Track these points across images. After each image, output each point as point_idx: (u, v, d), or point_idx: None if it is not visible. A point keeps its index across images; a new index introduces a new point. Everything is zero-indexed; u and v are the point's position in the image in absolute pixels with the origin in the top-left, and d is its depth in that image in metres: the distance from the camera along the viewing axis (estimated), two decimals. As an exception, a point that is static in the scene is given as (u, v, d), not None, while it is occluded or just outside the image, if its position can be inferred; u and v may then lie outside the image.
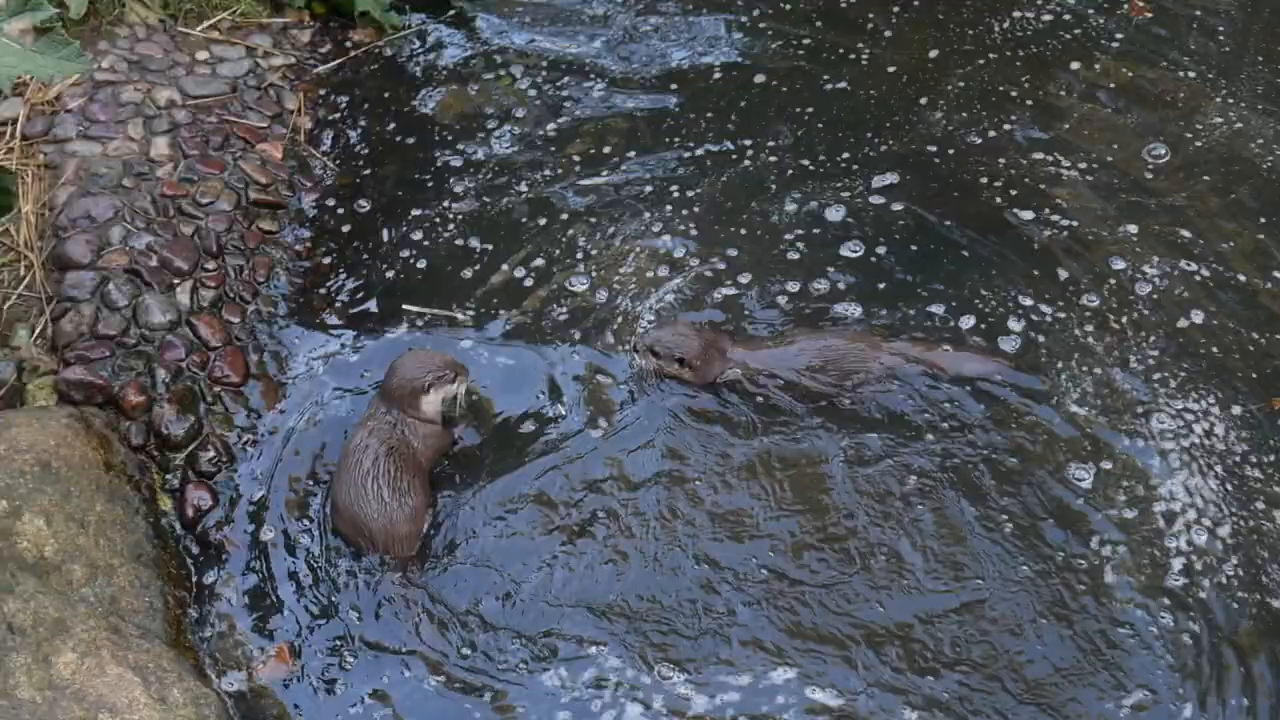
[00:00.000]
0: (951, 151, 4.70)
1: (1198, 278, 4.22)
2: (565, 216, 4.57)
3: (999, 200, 4.50)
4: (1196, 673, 3.33)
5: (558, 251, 4.45)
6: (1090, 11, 5.29)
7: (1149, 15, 5.28)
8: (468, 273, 4.40)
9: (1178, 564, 3.53)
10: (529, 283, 4.35)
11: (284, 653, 3.50)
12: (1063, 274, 4.25)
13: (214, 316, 4.12)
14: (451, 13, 5.45)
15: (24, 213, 4.20)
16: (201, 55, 4.96)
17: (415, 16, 5.46)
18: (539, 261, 4.42)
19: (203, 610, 3.58)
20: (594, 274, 4.36)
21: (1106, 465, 3.74)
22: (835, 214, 4.47)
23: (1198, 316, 4.11)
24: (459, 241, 4.51)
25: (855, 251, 4.34)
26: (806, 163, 4.70)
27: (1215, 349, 4.02)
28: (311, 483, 3.84)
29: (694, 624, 3.49)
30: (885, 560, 3.58)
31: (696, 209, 4.55)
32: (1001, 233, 4.41)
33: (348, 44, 5.30)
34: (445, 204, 4.64)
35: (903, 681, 3.35)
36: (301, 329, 4.23)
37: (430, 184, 4.72)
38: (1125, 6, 5.32)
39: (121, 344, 3.94)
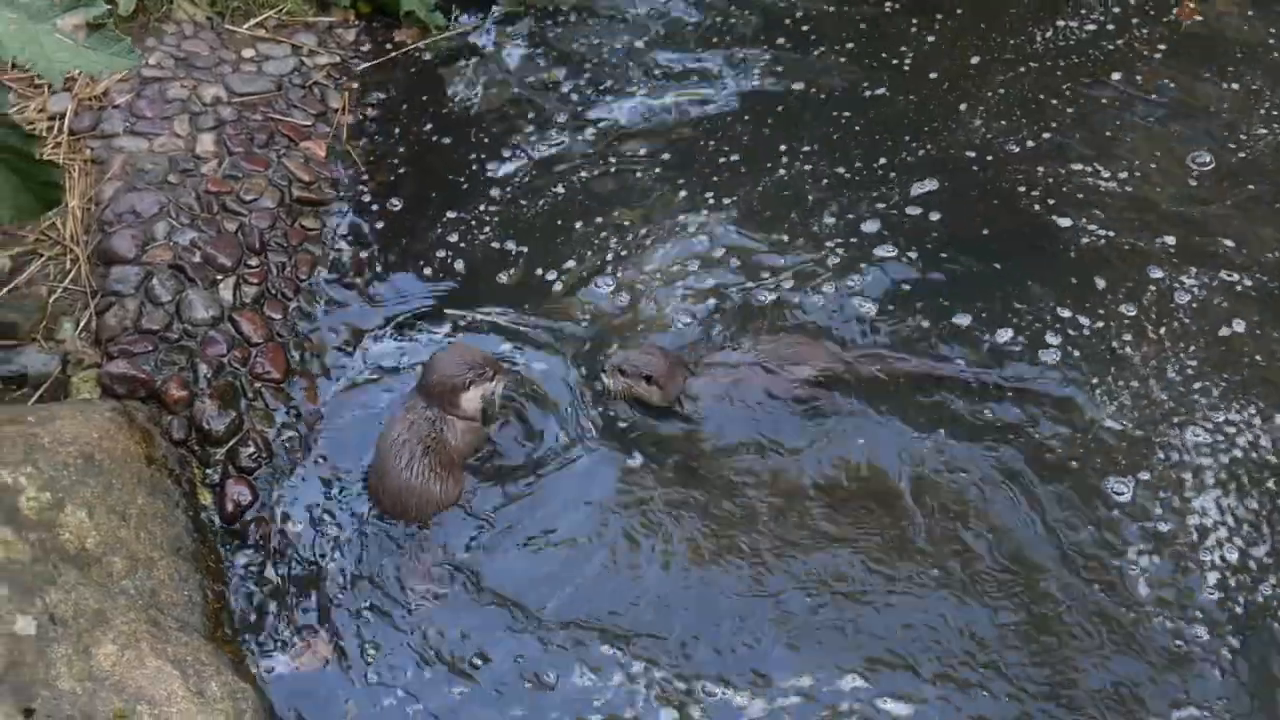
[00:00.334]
0: (990, 158, 4.68)
1: (1239, 288, 4.19)
2: (600, 220, 4.58)
3: (1036, 208, 4.48)
4: (1248, 690, 3.30)
5: (589, 254, 4.46)
6: (1134, 21, 5.25)
7: (1199, 18, 5.23)
8: (503, 276, 4.42)
9: (1213, 578, 3.50)
10: (558, 287, 4.37)
11: (317, 646, 3.52)
12: (1100, 283, 4.22)
13: (256, 313, 4.14)
14: (496, 13, 5.47)
15: (70, 207, 4.24)
16: (247, 53, 4.99)
17: (460, 17, 5.47)
18: (570, 263, 4.43)
19: (240, 605, 3.60)
20: (625, 278, 4.37)
21: (1144, 476, 3.71)
22: (870, 223, 4.46)
23: (1239, 326, 4.08)
24: (495, 244, 4.53)
25: (887, 260, 4.33)
26: (842, 170, 4.69)
27: (1259, 358, 3.99)
28: (350, 479, 3.85)
29: (748, 634, 3.49)
30: (926, 572, 3.56)
31: (734, 214, 4.55)
32: (1038, 241, 4.38)
33: (391, 44, 5.33)
34: (482, 206, 4.65)
35: (953, 697, 3.34)
36: (342, 327, 4.25)
37: (467, 186, 4.74)
38: (1175, 10, 5.28)
39: (165, 339, 3.96)
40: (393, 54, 5.27)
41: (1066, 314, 4.13)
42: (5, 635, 2.91)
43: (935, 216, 4.46)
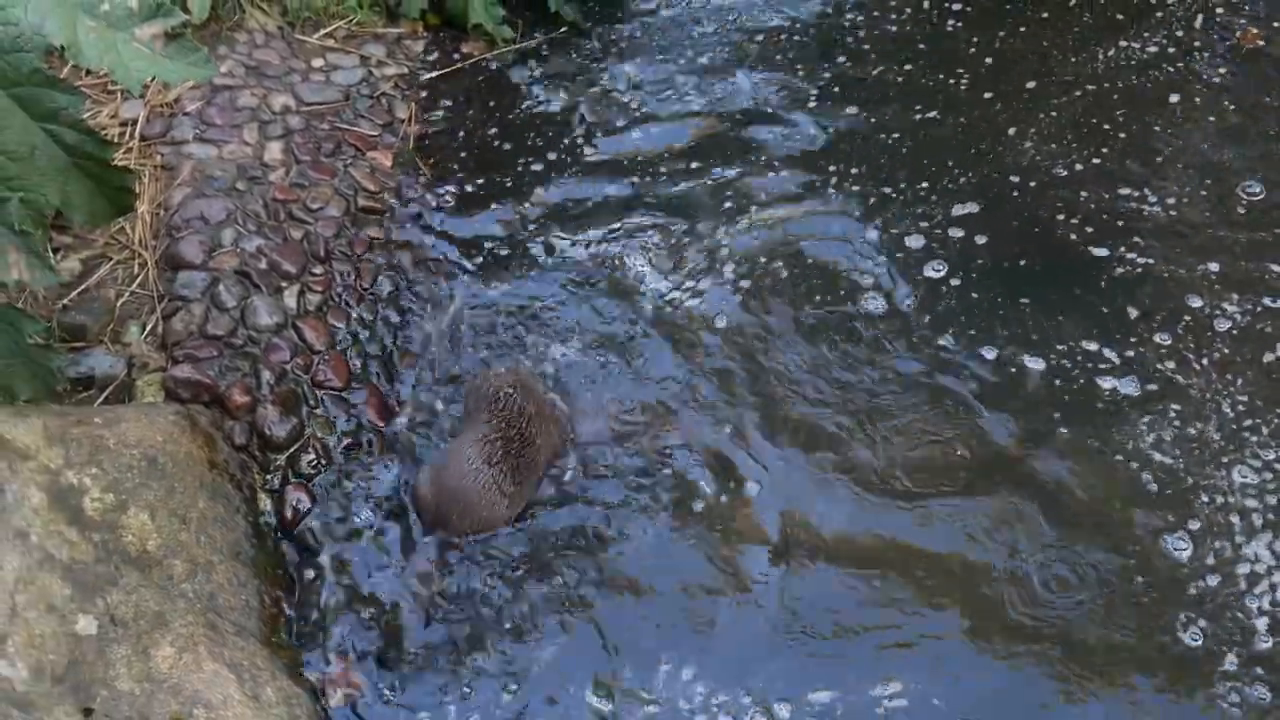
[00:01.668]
0: (1033, 184, 4.62)
1: None
2: (644, 235, 4.61)
3: (1074, 236, 4.40)
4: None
5: (633, 266, 4.51)
6: (1197, 45, 5.18)
7: (1261, 43, 5.16)
8: (565, 289, 4.46)
9: (1262, 624, 3.42)
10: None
11: (346, 673, 3.53)
12: (1133, 312, 4.15)
13: (319, 320, 4.17)
14: (564, 29, 5.50)
15: (140, 212, 4.29)
16: (317, 62, 5.04)
17: (527, 30, 5.51)
18: (616, 279, 4.49)
19: (295, 611, 3.62)
20: (661, 289, 4.41)
21: (1194, 526, 3.63)
22: (915, 240, 4.43)
23: None
24: (540, 237, 4.60)
25: (916, 290, 4.30)
26: (888, 190, 4.66)
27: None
28: (408, 491, 3.87)
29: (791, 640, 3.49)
30: (965, 630, 3.51)
31: (776, 232, 4.55)
32: (1072, 269, 4.31)
33: (458, 56, 5.36)
34: (544, 218, 4.69)
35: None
36: (403, 337, 4.27)
37: (531, 201, 4.76)
38: (1238, 35, 5.21)
39: (229, 344, 4.00)
40: (460, 66, 5.31)
41: (1093, 347, 4.06)
42: (67, 634, 2.95)
43: (977, 241, 4.41)
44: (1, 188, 3.22)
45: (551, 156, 4.91)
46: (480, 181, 4.82)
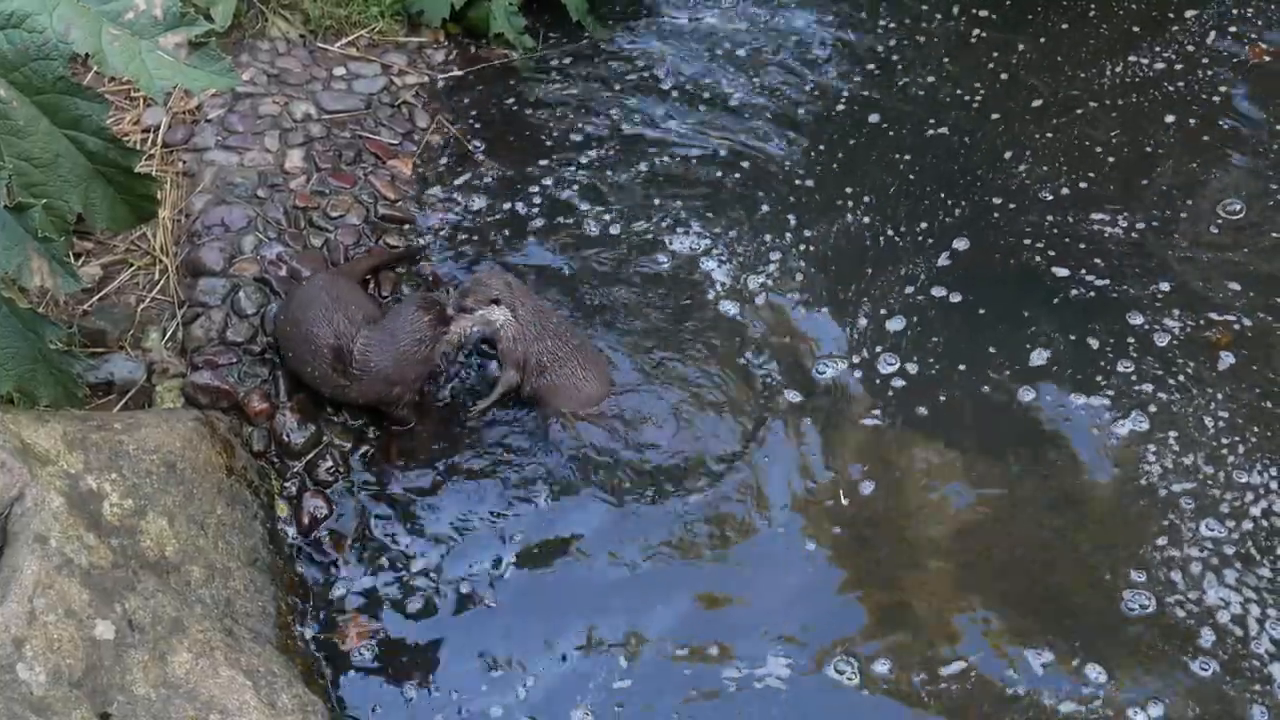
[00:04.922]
0: (1013, 206, 4.64)
1: (1237, 327, 4.15)
2: (656, 246, 4.65)
3: (1038, 260, 4.43)
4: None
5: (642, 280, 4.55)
6: (1204, 61, 5.18)
7: (1267, 59, 5.15)
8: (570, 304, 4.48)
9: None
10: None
11: (358, 625, 3.60)
12: (1092, 342, 4.17)
13: (338, 328, 4.18)
14: (585, 39, 5.51)
15: (161, 218, 4.31)
16: (338, 71, 5.06)
17: (548, 40, 5.52)
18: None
19: (312, 617, 3.63)
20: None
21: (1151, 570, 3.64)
22: (895, 323, 4.33)
23: (1228, 360, 4.08)
24: (556, 244, 4.64)
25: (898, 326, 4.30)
26: (890, 231, 4.64)
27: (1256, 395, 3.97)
28: (426, 497, 3.89)
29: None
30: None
31: (775, 274, 4.54)
32: (1030, 293, 4.35)
33: (479, 64, 5.37)
34: (560, 235, 4.69)
35: None
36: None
37: (548, 215, 4.75)
38: (1246, 49, 5.20)
39: (248, 351, 4.02)
40: (481, 74, 5.31)
41: (1056, 369, 4.11)
42: (85, 639, 2.95)
43: (955, 298, 4.37)
44: (25, 194, 3.24)
45: (572, 168, 4.91)
46: (498, 190, 4.82)
